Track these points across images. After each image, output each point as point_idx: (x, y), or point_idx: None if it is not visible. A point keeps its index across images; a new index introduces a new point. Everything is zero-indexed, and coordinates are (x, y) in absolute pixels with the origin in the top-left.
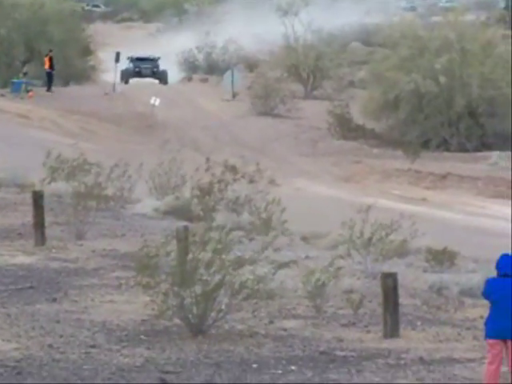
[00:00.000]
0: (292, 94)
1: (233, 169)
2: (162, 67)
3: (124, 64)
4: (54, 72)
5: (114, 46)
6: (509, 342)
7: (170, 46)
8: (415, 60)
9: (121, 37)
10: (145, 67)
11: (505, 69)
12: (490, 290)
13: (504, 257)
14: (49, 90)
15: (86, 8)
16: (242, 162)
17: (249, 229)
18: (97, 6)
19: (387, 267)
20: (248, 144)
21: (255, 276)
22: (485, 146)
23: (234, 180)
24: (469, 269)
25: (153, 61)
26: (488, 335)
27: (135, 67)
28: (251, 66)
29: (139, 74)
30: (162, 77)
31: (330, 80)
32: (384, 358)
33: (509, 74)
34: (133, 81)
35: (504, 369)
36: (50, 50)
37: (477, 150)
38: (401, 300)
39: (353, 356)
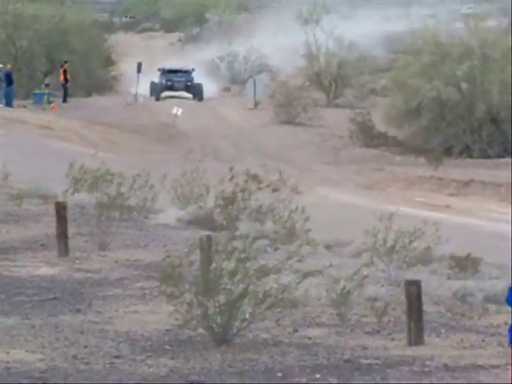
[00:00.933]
0: (314, 102)
1: (255, 178)
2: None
3: (151, 75)
4: (68, 84)
5: (136, 56)
6: None
7: (192, 56)
8: (437, 67)
9: (142, 47)
10: (178, 80)
11: None
12: None
13: None
14: (65, 101)
15: (124, 20)
16: (265, 171)
17: (273, 238)
18: (132, 17)
19: (411, 275)
20: (270, 153)
21: (279, 285)
22: (507, 152)
23: (258, 189)
24: (492, 275)
25: (186, 73)
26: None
27: (167, 80)
28: (273, 74)
29: (171, 88)
30: (196, 91)
31: (352, 88)
32: (408, 365)
33: None
34: (164, 95)
35: None
36: (66, 62)
37: (499, 156)
38: (425, 307)
39: (377, 364)
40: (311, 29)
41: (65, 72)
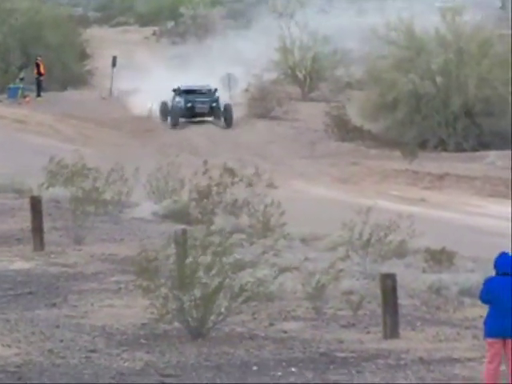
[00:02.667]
0: (289, 96)
1: (231, 172)
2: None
3: (125, 71)
4: (42, 78)
5: (111, 50)
6: (508, 341)
7: (167, 52)
8: (412, 60)
9: (117, 41)
10: (200, 102)
11: (501, 68)
12: (489, 289)
13: (502, 255)
14: (39, 95)
15: (99, 14)
16: (240, 165)
17: (248, 232)
18: (107, 11)
19: (386, 268)
20: (245, 147)
21: (255, 279)
22: (482, 145)
23: (233, 183)
24: (467, 268)
25: (209, 93)
26: (487, 334)
27: (186, 102)
28: (248, 68)
29: (192, 112)
30: (225, 115)
31: (327, 82)
32: (384, 358)
33: (505, 74)
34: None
35: (504, 368)
36: (39, 56)
37: (474, 149)
38: (400, 301)
39: (353, 357)
40: (286, 22)
41: (39, 66)
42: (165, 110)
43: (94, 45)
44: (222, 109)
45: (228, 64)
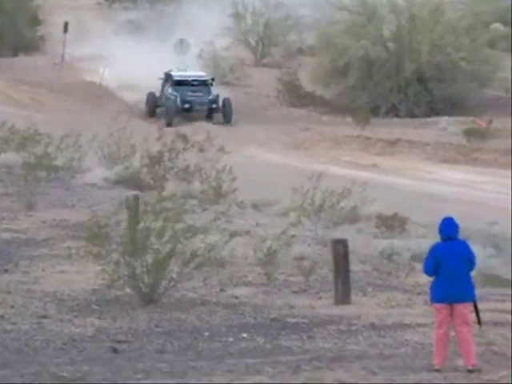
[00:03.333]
0: (241, 61)
1: (183, 138)
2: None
3: (78, 39)
4: None
5: (63, 15)
6: (455, 306)
7: (119, 17)
8: (364, 26)
9: (69, 7)
10: (199, 103)
11: (453, 35)
12: (436, 255)
13: (446, 220)
14: None
15: None
16: (192, 131)
17: (200, 198)
18: None
19: (338, 234)
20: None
21: (206, 245)
22: (433, 111)
23: (185, 149)
24: (419, 234)
25: (205, 86)
26: (434, 300)
27: (183, 102)
28: (200, 34)
29: (188, 112)
30: (224, 111)
31: (279, 47)
32: (335, 324)
33: (457, 40)
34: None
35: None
36: None
37: (426, 115)
38: (352, 266)
39: (304, 323)
40: None
41: None
42: (152, 103)
43: (46, 10)
44: (221, 105)
45: (180, 30)
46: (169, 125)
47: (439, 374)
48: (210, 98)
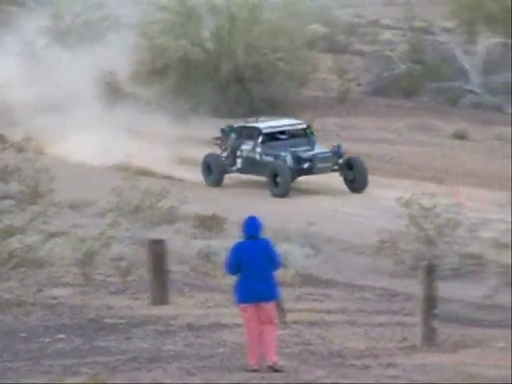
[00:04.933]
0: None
1: (1, 138)
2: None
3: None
4: None
5: None
6: (260, 305)
7: None
8: (184, 26)
9: None
10: (321, 159)
11: (270, 35)
12: (238, 254)
13: (250, 219)
14: None
15: None
16: (11, 131)
17: (18, 198)
18: None
19: (156, 234)
20: (19, 113)
21: (24, 245)
22: (254, 111)
23: (4, 148)
24: (237, 234)
25: (307, 137)
26: (239, 300)
27: (298, 160)
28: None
29: (309, 172)
30: (358, 175)
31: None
32: (153, 324)
33: (274, 41)
34: None
35: None
36: None
37: (246, 115)
38: (170, 267)
39: (121, 323)
40: None
41: None
42: (221, 169)
43: None
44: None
45: None
46: (284, 194)
47: (256, 374)
48: (332, 152)
